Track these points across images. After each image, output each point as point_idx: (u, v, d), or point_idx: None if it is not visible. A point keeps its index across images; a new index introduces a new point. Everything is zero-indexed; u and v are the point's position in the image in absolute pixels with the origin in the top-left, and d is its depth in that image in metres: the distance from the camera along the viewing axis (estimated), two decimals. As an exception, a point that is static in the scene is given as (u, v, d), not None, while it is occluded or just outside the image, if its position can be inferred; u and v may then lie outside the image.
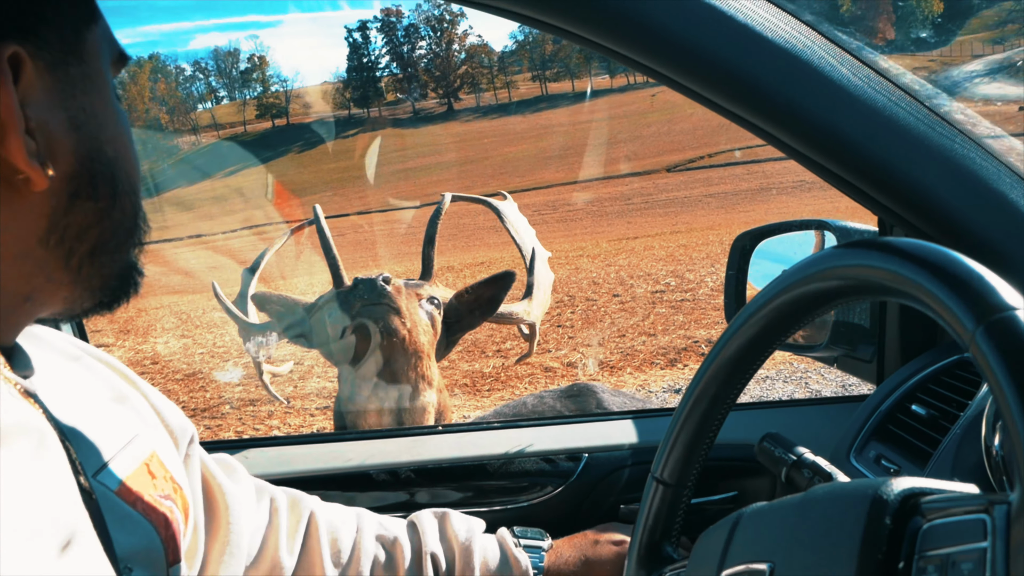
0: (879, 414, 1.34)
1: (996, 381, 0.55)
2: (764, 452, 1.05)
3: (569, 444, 1.58)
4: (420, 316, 2.25)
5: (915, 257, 0.67)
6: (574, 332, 9.70)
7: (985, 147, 1.36)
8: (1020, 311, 0.57)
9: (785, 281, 0.82)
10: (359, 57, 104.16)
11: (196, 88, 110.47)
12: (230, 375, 9.31)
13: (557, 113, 77.27)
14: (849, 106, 1.26)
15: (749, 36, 1.19)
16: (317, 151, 79.86)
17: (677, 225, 23.85)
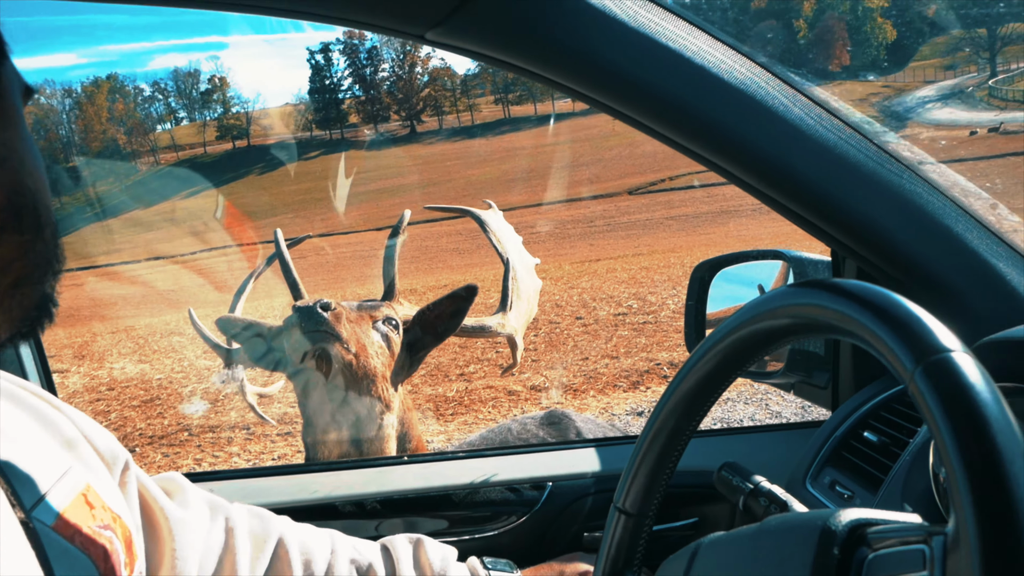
0: (833, 441, 1.38)
1: (933, 420, 0.59)
2: (722, 481, 1.08)
3: (533, 473, 1.60)
4: (371, 339, 2.21)
5: (860, 299, 0.71)
6: (538, 355, 9.73)
7: (931, 182, 1.42)
8: (955, 353, 0.61)
9: (740, 318, 0.85)
10: (321, 79, 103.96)
11: (155, 109, 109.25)
12: (195, 408, 9.16)
13: (520, 136, 77.74)
14: (802, 144, 1.31)
15: (706, 77, 1.24)
16: (279, 173, 79.35)
17: (639, 247, 24.08)
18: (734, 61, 1.27)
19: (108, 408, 9.55)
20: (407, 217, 2.60)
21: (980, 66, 77.76)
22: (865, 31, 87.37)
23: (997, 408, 0.57)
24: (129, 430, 8.61)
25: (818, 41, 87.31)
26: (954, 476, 0.56)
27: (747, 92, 1.26)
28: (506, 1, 1.13)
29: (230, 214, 39.69)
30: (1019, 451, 0.55)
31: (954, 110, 62.93)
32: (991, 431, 0.56)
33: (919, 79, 78.15)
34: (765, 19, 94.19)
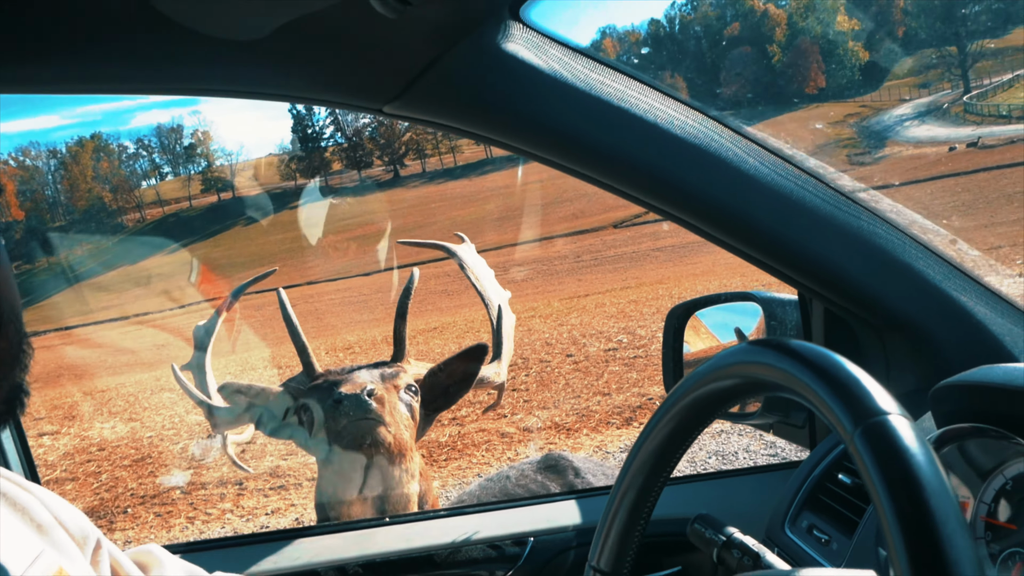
0: (809, 484, 1.39)
1: (871, 482, 0.61)
2: (695, 534, 1.09)
3: (515, 529, 1.60)
4: (401, 412, 2.20)
5: (804, 360, 0.73)
6: (529, 395, 9.71)
7: (890, 222, 1.45)
8: (892, 416, 0.63)
9: (692, 380, 0.87)
10: (303, 128, 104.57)
11: (139, 165, 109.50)
12: (175, 479, 9.05)
13: (503, 175, 78.17)
14: (759, 193, 1.34)
15: (659, 134, 1.27)
16: (265, 223, 79.46)
17: (627, 280, 24.14)
18: (686, 115, 1.31)
19: (99, 469, 9.46)
20: (417, 277, 2.58)
21: (953, 83, 78.93)
22: (838, 54, 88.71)
23: (931, 471, 0.59)
24: (120, 490, 8.52)
25: (793, 65, 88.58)
26: (890, 537, 0.57)
27: (699, 144, 1.29)
28: (459, 74, 1.16)
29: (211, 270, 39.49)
30: (952, 513, 0.57)
31: (932, 127, 63.72)
32: (925, 494, 0.57)
33: (895, 98, 79.24)
34: (739, 46, 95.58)
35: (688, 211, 1.34)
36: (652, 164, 1.28)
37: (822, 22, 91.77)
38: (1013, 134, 49.53)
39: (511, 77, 1.19)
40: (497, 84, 1.19)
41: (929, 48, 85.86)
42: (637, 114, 1.26)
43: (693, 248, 29.40)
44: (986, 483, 1.09)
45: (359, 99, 1.21)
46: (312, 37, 1.07)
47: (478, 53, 1.16)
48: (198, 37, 1.03)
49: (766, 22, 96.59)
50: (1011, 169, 34.02)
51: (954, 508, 0.57)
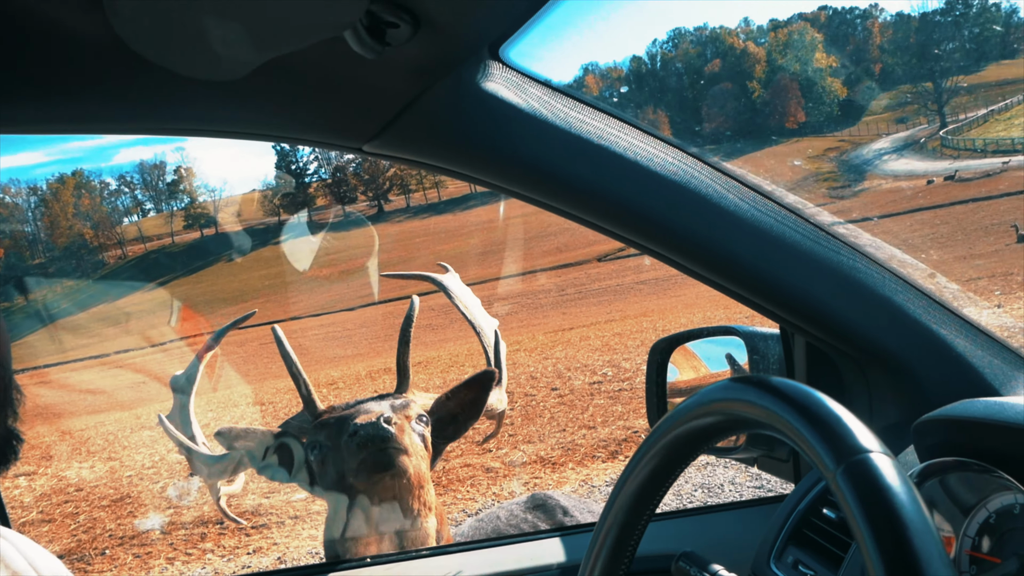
0: (794, 519, 1.38)
1: (853, 519, 0.60)
2: (680, 572, 1.08)
3: (498, 568, 1.58)
4: (416, 442, 2.11)
5: (786, 398, 0.73)
6: (514, 430, 9.66)
7: (869, 256, 1.46)
8: (874, 454, 0.63)
9: (674, 417, 0.87)
10: (287, 164, 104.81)
11: (121, 202, 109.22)
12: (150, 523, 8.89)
13: (487, 209, 78.54)
14: (739, 229, 1.35)
15: (639, 171, 1.28)
16: (248, 259, 79.26)
17: (611, 313, 24.20)
18: (665, 152, 1.32)
19: (77, 510, 9.30)
20: (417, 304, 2.53)
21: (930, 118, 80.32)
22: (817, 90, 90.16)
23: (914, 509, 0.59)
24: (99, 531, 8.37)
25: (773, 100, 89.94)
26: (874, 573, 0.57)
27: (679, 181, 1.30)
28: (438, 114, 1.16)
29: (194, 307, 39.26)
30: (936, 552, 0.56)
31: (910, 160, 64.76)
32: (908, 533, 0.57)
33: (873, 132, 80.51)
34: (719, 82, 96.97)
35: (669, 247, 1.34)
36: (632, 201, 1.29)
37: (800, 59, 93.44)
38: (988, 168, 50.40)
39: (490, 116, 1.20)
40: (477, 123, 1.19)
41: (906, 84, 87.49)
42: (617, 151, 1.27)
43: (677, 281, 29.54)
44: (969, 517, 1.09)
45: (339, 138, 1.21)
46: (291, 77, 1.07)
47: (457, 92, 1.17)
48: (176, 78, 1.03)
49: (746, 59, 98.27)
50: (987, 202, 34.54)
51: (937, 547, 0.56)
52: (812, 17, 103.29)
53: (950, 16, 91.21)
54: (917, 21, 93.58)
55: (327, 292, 47.32)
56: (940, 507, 1.12)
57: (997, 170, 47.95)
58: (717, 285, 1.42)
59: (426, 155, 1.23)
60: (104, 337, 41.73)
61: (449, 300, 2.76)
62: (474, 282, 34.58)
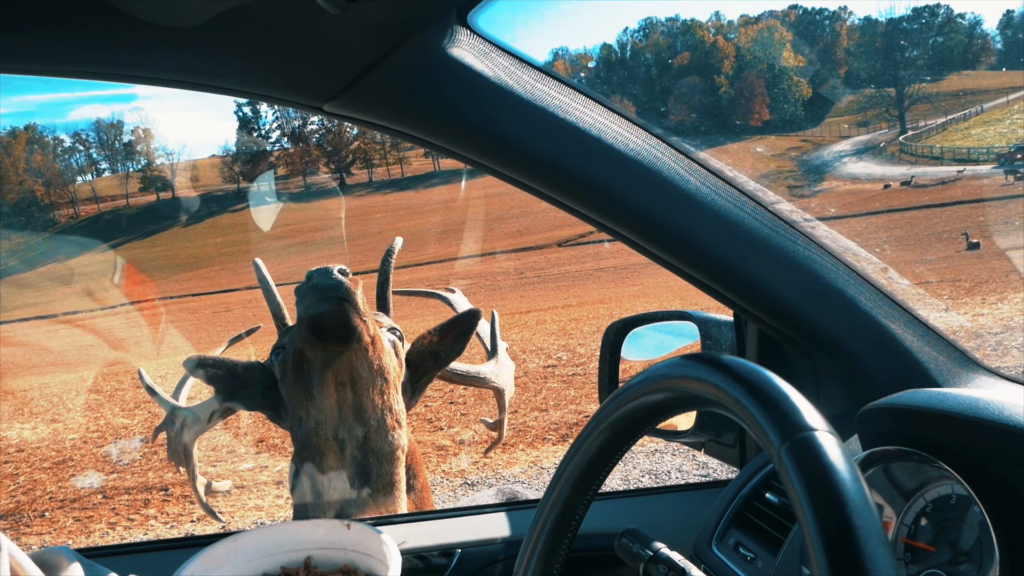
0: (737, 502, 1.40)
1: (795, 495, 0.60)
2: (623, 548, 1.09)
3: (443, 540, 1.58)
4: (382, 335, 1.94)
5: (734, 375, 0.73)
6: (467, 409, 9.66)
7: (825, 247, 1.48)
8: (819, 432, 0.63)
9: (624, 393, 0.86)
10: (249, 131, 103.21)
11: (76, 160, 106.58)
12: (89, 480, 8.74)
13: (450, 188, 78.21)
14: (697, 211, 1.35)
15: (601, 147, 1.27)
16: (204, 225, 77.99)
17: (569, 299, 24.30)
18: (629, 132, 1.31)
19: (16, 471, 9.10)
20: (399, 243, 2.45)
21: (891, 123, 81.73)
22: (783, 88, 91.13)
23: (856, 488, 0.59)
24: (39, 493, 8.21)
25: (739, 97, 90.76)
26: (813, 552, 0.57)
27: (641, 161, 1.29)
28: (402, 76, 1.14)
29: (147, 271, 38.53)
30: (875, 530, 0.56)
31: (869, 164, 65.90)
32: (848, 511, 0.57)
33: (835, 134, 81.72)
34: (687, 75, 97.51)
35: (627, 226, 1.34)
36: (593, 177, 1.28)
37: (768, 57, 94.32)
38: (944, 175, 51.52)
39: (455, 82, 1.18)
40: (441, 88, 1.17)
41: (869, 88, 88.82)
42: (581, 127, 1.26)
43: (635, 270, 29.76)
44: (908, 505, 1.11)
45: (299, 96, 1.18)
46: (252, 29, 1.04)
47: (423, 56, 1.15)
48: (133, 21, 0.99)
49: (715, 54, 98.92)
50: (941, 209, 35.31)
51: (876, 526, 0.56)
52: (782, 15, 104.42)
53: (916, 24, 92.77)
54: (884, 26, 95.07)
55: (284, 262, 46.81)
56: (881, 493, 1.14)
57: (953, 178, 49.06)
58: (674, 267, 1.42)
59: (387, 118, 1.20)
60: (52, 297, 40.83)
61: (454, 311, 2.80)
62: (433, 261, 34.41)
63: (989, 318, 10.68)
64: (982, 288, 14.30)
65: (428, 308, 20.27)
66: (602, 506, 1.65)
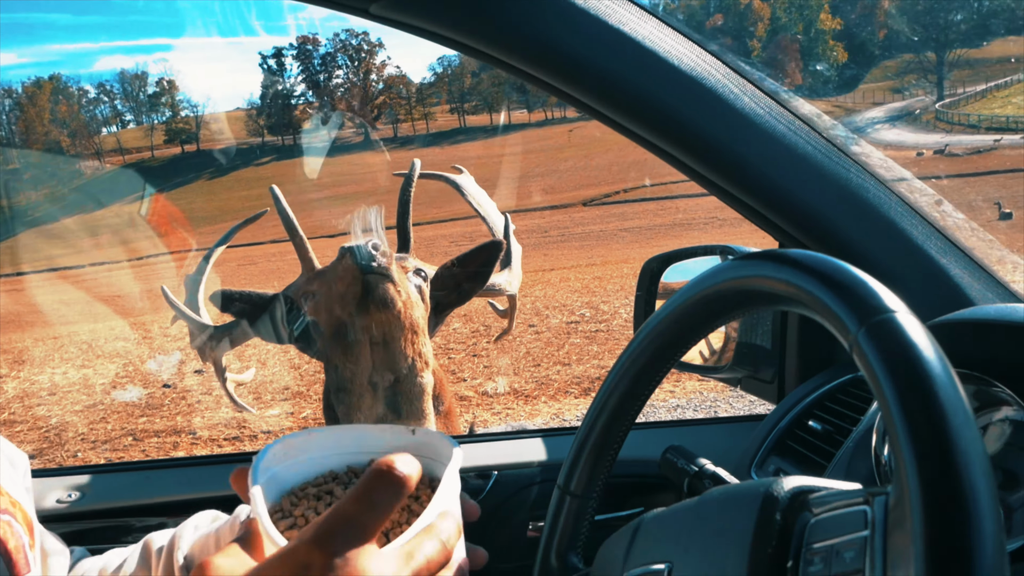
0: (778, 430, 1.38)
1: (875, 378, 0.58)
2: (667, 463, 1.07)
3: (479, 462, 1.58)
4: (411, 289, 2.01)
5: (804, 266, 0.70)
6: (489, 361, 9.71)
7: (878, 176, 1.44)
8: (899, 313, 0.61)
9: (685, 294, 0.84)
10: (274, 84, 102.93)
11: (100, 111, 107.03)
12: (130, 394, 8.92)
13: (475, 145, 77.87)
14: (750, 132, 1.31)
15: (654, 61, 1.23)
16: (229, 178, 78.28)
17: (592, 258, 24.22)
18: (684, 47, 1.27)
19: (49, 412, 9.28)
20: (418, 165, 2.44)
21: (928, 90, 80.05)
22: (817, 52, 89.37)
23: (941, 365, 0.56)
24: (71, 434, 8.38)
25: (771, 60, 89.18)
26: (896, 432, 0.55)
27: (695, 78, 1.25)
28: (455, -26, 1.11)
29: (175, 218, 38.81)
30: (961, 407, 0.54)
31: (902, 131, 64.77)
32: (935, 386, 0.55)
33: (868, 101, 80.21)
34: (720, 38, 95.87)
35: (677, 144, 1.30)
36: (645, 91, 1.24)
37: (805, 19, 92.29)
38: (980, 144, 50.51)
39: (508, -13, 1.14)
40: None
41: (908, 53, 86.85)
42: (634, 38, 1.22)
43: (659, 231, 29.58)
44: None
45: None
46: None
47: (476, -42, 1.11)
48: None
49: (749, 16, 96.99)
50: (975, 178, 34.69)
51: (962, 402, 0.54)
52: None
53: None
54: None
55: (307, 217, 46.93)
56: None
57: (989, 147, 48.08)
58: (720, 190, 1.38)
59: (434, 22, 1.17)
60: (79, 248, 41.30)
61: (462, 197, 2.72)
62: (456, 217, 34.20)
63: (1020, 286, 10.49)
64: (1013, 257, 14.02)
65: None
66: (636, 435, 1.64)
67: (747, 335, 1.72)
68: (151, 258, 29.37)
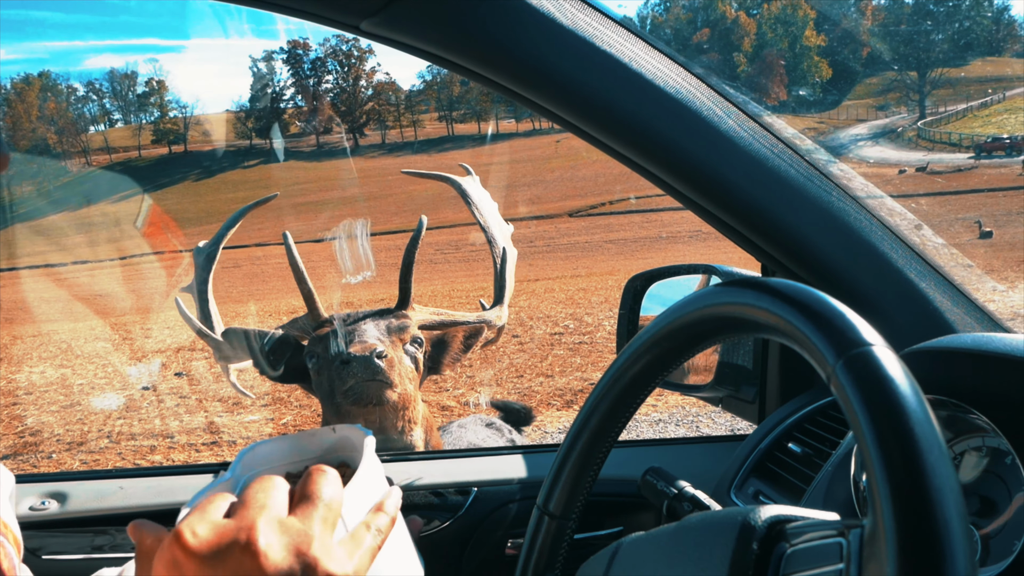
0: (758, 452, 1.38)
1: (853, 412, 0.58)
2: (647, 485, 1.07)
3: (459, 478, 1.57)
4: (407, 366, 2.20)
5: (784, 296, 0.71)
6: (472, 371, 9.69)
7: (859, 200, 1.45)
8: (876, 347, 0.61)
9: (668, 317, 0.84)
10: (263, 87, 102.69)
11: (88, 109, 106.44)
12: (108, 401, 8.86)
13: (463, 153, 77.83)
14: (733, 155, 1.32)
15: (640, 82, 1.24)
16: (215, 180, 77.92)
17: (577, 269, 24.27)
18: (670, 69, 1.28)
19: (24, 412, 9.18)
20: (425, 223, 2.49)
21: (910, 107, 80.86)
22: (802, 68, 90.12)
23: (916, 400, 0.57)
24: (47, 435, 8.28)
25: (757, 75, 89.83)
26: (872, 467, 0.55)
27: (680, 100, 1.26)
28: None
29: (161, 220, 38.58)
30: (936, 442, 0.55)
31: (885, 148, 65.39)
32: (910, 422, 0.55)
33: (852, 117, 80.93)
34: (706, 52, 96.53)
35: (660, 165, 1.31)
36: (629, 112, 1.25)
37: (790, 35, 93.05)
38: (960, 163, 51.08)
39: (496, 6, 1.15)
40: (481, 11, 1.14)
41: (891, 71, 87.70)
42: (620, 60, 1.23)
43: (645, 243, 29.69)
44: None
45: (336, 12, 1.15)
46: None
47: (466, -23, 1.12)
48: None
49: (735, 30, 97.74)
50: (955, 196, 35.05)
51: (937, 437, 0.55)
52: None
53: (942, 6, 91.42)
54: (910, 7, 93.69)
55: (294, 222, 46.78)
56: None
57: (969, 166, 48.62)
58: (704, 211, 1.39)
59: (425, 40, 1.17)
60: (62, 246, 40.97)
61: (466, 205, 2.73)
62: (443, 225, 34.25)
63: (1000, 304, 10.65)
64: (992, 276, 14.22)
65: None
66: (618, 453, 1.64)
67: (729, 355, 1.73)
68: (134, 258, 29.17)
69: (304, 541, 0.64)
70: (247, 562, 0.61)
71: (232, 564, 0.61)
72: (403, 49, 1.22)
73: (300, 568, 0.62)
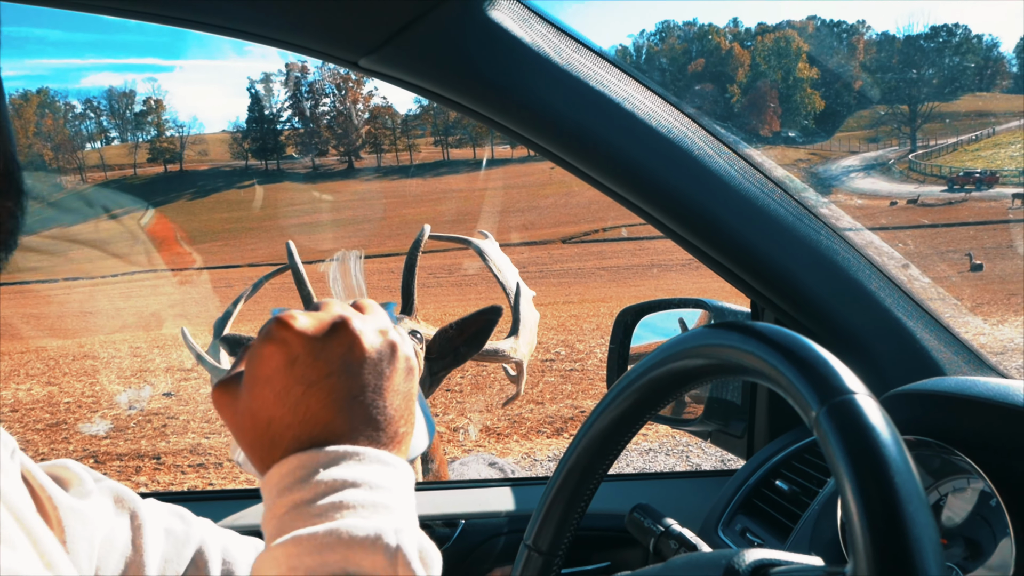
0: (746, 489, 1.39)
1: (835, 460, 0.59)
2: (633, 522, 1.08)
3: (447, 510, 1.57)
4: None
5: (770, 341, 0.72)
6: (462, 397, 9.67)
7: (847, 240, 1.47)
8: (858, 395, 0.62)
9: (655, 358, 0.85)
10: (260, 109, 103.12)
11: (86, 127, 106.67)
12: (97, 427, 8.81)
13: (457, 179, 78.17)
14: (724, 194, 1.34)
15: (632, 122, 1.26)
16: (210, 199, 77.95)
17: (570, 295, 24.29)
18: (662, 109, 1.30)
19: (11, 431, 9.07)
20: (427, 231, 2.51)
21: (901, 140, 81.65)
22: (795, 100, 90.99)
23: (897, 450, 0.58)
24: (31, 454, 8.19)
25: (751, 105, 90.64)
26: (853, 515, 0.56)
27: (672, 139, 1.28)
28: (441, 34, 1.13)
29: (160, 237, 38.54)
30: (916, 492, 0.56)
31: (876, 180, 65.96)
32: (890, 472, 0.56)
33: (844, 149, 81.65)
34: (701, 82, 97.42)
35: (652, 203, 1.33)
36: (622, 151, 1.27)
37: (783, 67, 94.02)
38: (951, 196, 51.52)
39: (493, 46, 1.17)
40: (477, 51, 1.16)
41: (882, 104, 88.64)
42: (614, 100, 1.25)
43: (637, 271, 29.77)
44: (923, 496, 1.10)
45: (335, 49, 1.17)
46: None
47: (462, 16, 1.13)
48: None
49: (730, 61, 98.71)
50: (946, 228, 35.30)
51: (918, 488, 0.56)
52: (800, 26, 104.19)
53: (933, 42, 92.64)
54: (901, 43, 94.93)
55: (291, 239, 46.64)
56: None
57: (960, 199, 49.05)
58: (694, 248, 1.41)
59: (421, 78, 1.19)
60: (54, 262, 40.80)
61: (484, 263, 2.79)
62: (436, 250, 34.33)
63: (990, 338, 10.70)
64: (983, 309, 14.30)
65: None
66: (606, 488, 1.65)
67: (718, 390, 1.74)
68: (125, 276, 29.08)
69: (384, 327, 0.74)
70: (348, 339, 0.70)
71: (336, 343, 0.69)
72: (400, 85, 1.23)
73: (388, 349, 0.73)
